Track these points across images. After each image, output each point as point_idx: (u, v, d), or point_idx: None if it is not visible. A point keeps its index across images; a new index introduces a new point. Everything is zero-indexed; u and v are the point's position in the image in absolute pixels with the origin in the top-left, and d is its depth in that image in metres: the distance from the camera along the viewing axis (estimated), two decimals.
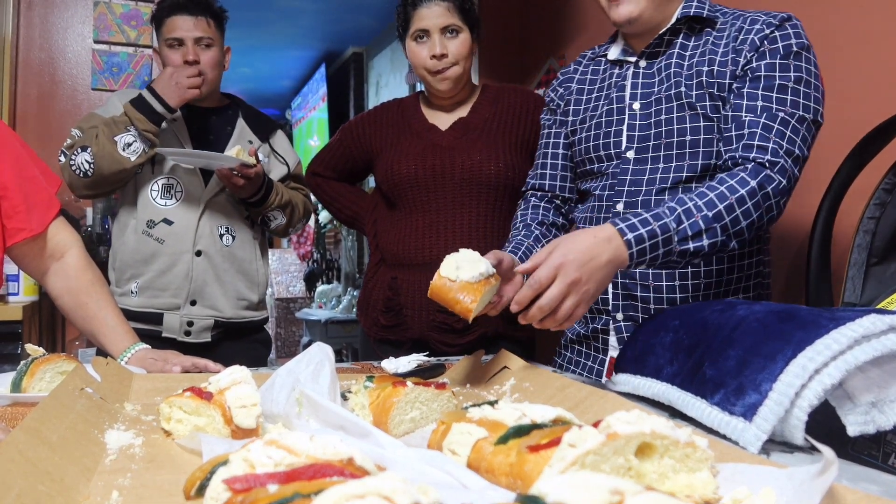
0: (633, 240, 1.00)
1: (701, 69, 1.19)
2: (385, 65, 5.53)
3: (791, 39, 1.13)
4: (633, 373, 1.01)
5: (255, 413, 0.77)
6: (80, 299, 1.32)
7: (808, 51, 1.14)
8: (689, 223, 1.03)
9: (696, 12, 1.22)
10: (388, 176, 1.72)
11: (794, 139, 1.10)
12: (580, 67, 1.42)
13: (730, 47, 1.18)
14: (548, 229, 1.39)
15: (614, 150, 1.27)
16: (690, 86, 1.19)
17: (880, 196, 1.23)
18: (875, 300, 1.21)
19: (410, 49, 1.67)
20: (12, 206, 1.28)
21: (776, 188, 1.08)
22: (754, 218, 1.07)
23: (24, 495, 0.51)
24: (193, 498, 0.55)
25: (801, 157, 1.11)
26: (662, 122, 1.22)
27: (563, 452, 0.55)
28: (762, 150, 1.09)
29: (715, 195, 1.05)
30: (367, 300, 1.81)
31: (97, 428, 0.75)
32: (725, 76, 1.16)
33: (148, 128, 1.67)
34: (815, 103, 1.13)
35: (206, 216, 1.82)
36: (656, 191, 1.22)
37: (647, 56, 1.27)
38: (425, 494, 0.42)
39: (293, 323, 6.45)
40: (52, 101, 3.03)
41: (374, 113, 1.86)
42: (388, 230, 1.76)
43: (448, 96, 1.71)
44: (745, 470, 0.59)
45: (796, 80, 1.12)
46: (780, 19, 1.15)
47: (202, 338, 1.82)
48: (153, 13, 1.86)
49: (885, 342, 0.71)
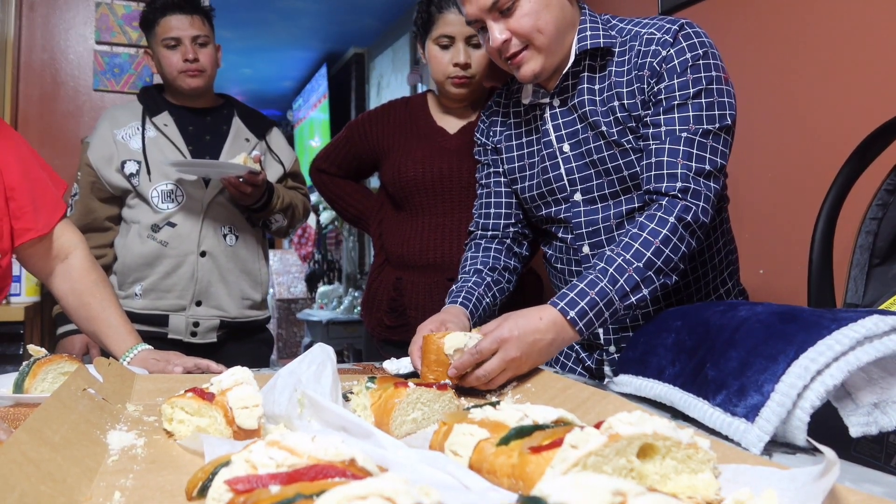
0: (577, 316, 1.05)
1: (612, 104, 1.18)
2: (386, 65, 5.53)
3: (686, 53, 1.12)
4: (634, 374, 1.01)
5: (256, 414, 0.77)
6: (83, 300, 1.32)
7: (706, 57, 1.12)
8: (625, 279, 1.06)
9: (593, 44, 1.18)
10: (396, 178, 1.71)
11: (703, 155, 1.10)
12: (500, 109, 1.38)
13: (632, 75, 1.16)
14: (500, 274, 1.34)
15: (560, 194, 1.27)
16: (609, 122, 1.19)
17: (882, 197, 1.23)
18: (877, 301, 1.20)
19: (431, 53, 1.64)
20: (19, 207, 1.29)
21: (694, 215, 1.09)
22: (683, 249, 1.09)
23: (27, 496, 0.51)
24: (195, 499, 0.55)
25: (713, 170, 1.11)
26: (597, 162, 1.21)
27: (565, 453, 0.55)
28: (672, 178, 1.10)
29: (640, 244, 1.07)
30: (371, 300, 1.81)
31: (99, 429, 0.75)
32: (637, 107, 1.16)
33: None
34: (720, 108, 1.12)
35: (209, 217, 1.82)
36: (615, 226, 1.23)
37: (558, 94, 1.25)
38: (427, 495, 0.42)
39: (294, 324, 6.45)
40: (54, 101, 3.03)
41: (382, 111, 1.83)
42: (393, 231, 1.75)
43: (461, 101, 1.71)
44: (748, 471, 0.59)
45: (695, 93, 1.11)
46: (672, 34, 1.13)
47: (208, 338, 1.83)
48: (143, 15, 1.85)
49: (888, 343, 0.71)
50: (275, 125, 2.03)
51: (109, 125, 1.83)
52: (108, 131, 1.82)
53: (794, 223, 1.35)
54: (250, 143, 1.91)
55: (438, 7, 1.60)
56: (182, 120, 1.86)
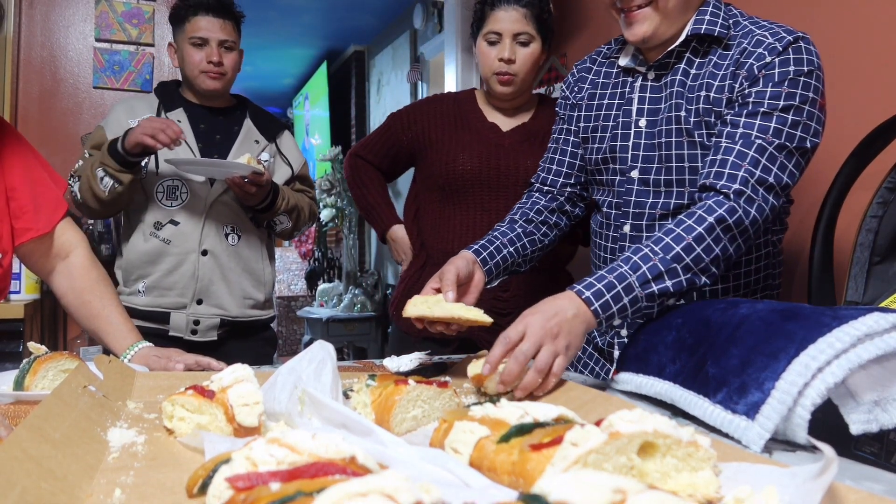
0: (592, 296, 1.00)
1: (700, 94, 1.16)
2: (386, 63, 5.52)
3: (790, 66, 1.08)
4: (635, 371, 1.01)
5: (257, 411, 0.77)
6: (83, 297, 1.33)
7: (809, 76, 1.08)
8: (648, 267, 1.02)
9: (707, 30, 1.16)
10: (448, 169, 1.69)
11: (770, 167, 1.06)
12: (594, 67, 1.37)
13: (729, 71, 1.13)
14: (535, 227, 1.34)
15: (620, 165, 1.26)
16: (690, 111, 1.16)
17: (883, 195, 1.23)
18: (878, 299, 1.20)
19: (480, 49, 1.66)
20: (20, 207, 1.29)
21: (738, 218, 1.04)
22: (717, 251, 1.05)
23: (27, 493, 0.51)
24: (196, 496, 0.55)
25: (776, 185, 1.06)
26: (664, 147, 1.20)
27: (565, 451, 0.55)
28: (731, 178, 1.06)
29: (671, 238, 1.04)
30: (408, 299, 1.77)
31: (100, 426, 0.75)
32: (721, 103, 1.13)
33: (114, 167, 1.68)
34: (804, 131, 1.08)
35: (212, 216, 1.83)
36: (659, 216, 1.22)
37: (655, 68, 1.23)
38: (427, 493, 0.42)
39: (294, 321, 6.46)
40: (54, 99, 3.03)
41: (427, 103, 1.83)
42: (440, 227, 1.73)
43: (507, 100, 1.70)
44: (748, 469, 0.59)
45: (784, 107, 1.07)
46: (785, 44, 1.09)
47: (208, 336, 1.83)
48: (175, 9, 1.86)
49: (889, 340, 0.71)
50: (286, 128, 2.04)
51: (125, 113, 1.84)
52: (123, 118, 1.83)
53: (795, 221, 1.35)
54: (260, 145, 1.92)
55: (491, 5, 1.63)
56: (195, 118, 1.87)
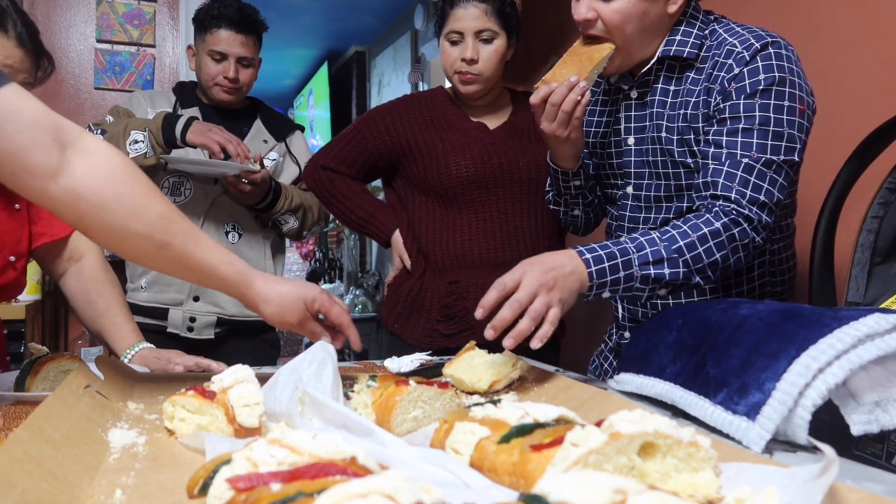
0: (591, 259, 1.02)
1: (680, 112, 1.17)
2: (387, 64, 5.52)
3: (759, 75, 1.07)
4: (636, 372, 1.01)
5: (258, 412, 0.77)
6: (89, 299, 1.35)
7: (781, 84, 1.07)
8: (651, 250, 1.04)
9: (677, 51, 1.16)
10: (445, 174, 1.61)
11: (760, 185, 1.06)
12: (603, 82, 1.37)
13: (704, 86, 1.14)
14: None
15: (615, 181, 1.31)
16: (672, 129, 1.18)
17: (884, 195, 1.23)
18: (879, 299, 1.20)
19: (443, 49, 1.61)
20: (37, 212, 1.32)
21: (741, 232, 1.06)
22: (717, 258, 1.06)
23: (28, 493, 0.51)
24: (196, 496, 0.55)
25: (768, 202, 1.07)
26: (652, 165, 1.23)
27: (565, 451, 0.55)
28: (726, 199, 1.07)
29: (677, 233, 1.06)
30: (409, 313, 1.67)
31: (100, 426, 0.75)
32: (698, 119, 1.14)
33: (159, 140, 1.69)
34: (789, 141, 1.07)
35: (212, 213, 1.83)
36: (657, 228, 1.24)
37: (637, 87, 1.24)
38: (428, 493, 0.42)
39: None
40: (55, 100, 3.03)
41: (400, 105, 1.71)
42: (440, 233, 1.64)
43: (474, 98, 1.64)
44: (748, 469, 0.59)
45: (761, 120, 1.06)
46: (753, 52, 1.08)
47: (205, 334, 1.83)
48: (199, 13, 1.85)
49: (889, 341, 0.71)
50: (298, 129, 2.04)
51: (146, 102, 1.87)
52: (143, 105, 1.86)
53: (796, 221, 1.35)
54: (268, 145, 1.92)
55: (451, 3, 1.59)
56: (208, 117, 1.88)
